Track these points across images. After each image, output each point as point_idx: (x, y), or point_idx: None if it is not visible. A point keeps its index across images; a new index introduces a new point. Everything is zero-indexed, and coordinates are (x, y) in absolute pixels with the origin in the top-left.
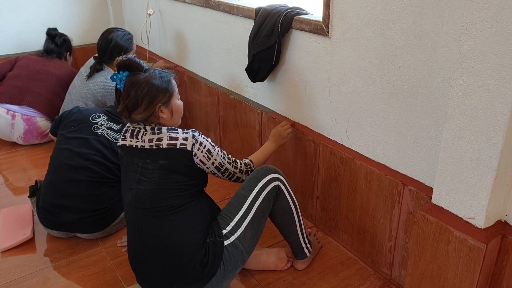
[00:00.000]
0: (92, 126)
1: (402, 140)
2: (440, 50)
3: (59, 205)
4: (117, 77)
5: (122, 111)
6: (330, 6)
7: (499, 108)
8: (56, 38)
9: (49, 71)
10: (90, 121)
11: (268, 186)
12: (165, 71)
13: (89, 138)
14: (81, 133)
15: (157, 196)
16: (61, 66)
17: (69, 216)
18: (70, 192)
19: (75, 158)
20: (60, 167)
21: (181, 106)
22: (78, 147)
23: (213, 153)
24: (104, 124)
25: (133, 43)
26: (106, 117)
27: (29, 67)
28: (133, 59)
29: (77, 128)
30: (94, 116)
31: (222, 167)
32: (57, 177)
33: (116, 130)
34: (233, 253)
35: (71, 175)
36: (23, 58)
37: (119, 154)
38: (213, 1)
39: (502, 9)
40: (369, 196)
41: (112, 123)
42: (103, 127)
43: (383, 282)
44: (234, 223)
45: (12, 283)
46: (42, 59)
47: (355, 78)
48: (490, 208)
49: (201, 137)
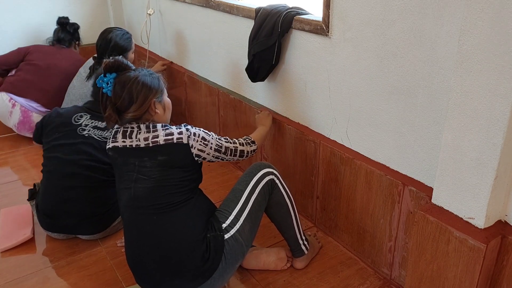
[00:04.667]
0: (77, 129)
1: (402, 140)
2: (440, 50)
3: (59, 209)
4: (103, 80)
5: (111, 115)
6: (330, 6)
7: (499, 108)
8: (68, 26)
9: (58, 65)
10: (73, 124)
11: (263, 180)
12: (152, 70)
13: (77, 143)
14: (67, 139)
15: (157, 194)
16: (72, 59)
17: (69, 220)
18: (68, 198)
19: (67, 167)
20: (54, 175)
21: (170, 103)
22: (68, 154)
23: (208, 139)
24: (89, 124)
25: (132, 42)
26: (89, 116)
27: (41, 60)
28: (120, 60)
29: (62, 134)
30: (76, 117)
31: (221, 148)
32: (53, 184)
33: (103, 128)
34: (233, 246)
35: (66, 183)
36: (35, 51)
37: (111, 156)
38: (213, 1)
39: (502, 9)
40: (369, 196)
41: (96, 121)
42: (88, 127)
43: (383, 282)
44: (232, 216)
45: (12, 283)
46: (53, 51)
47: (355, 78)
48: (490, 208)
49: (194, 128)
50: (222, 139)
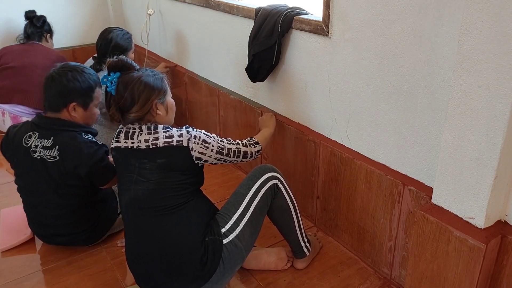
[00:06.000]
0: (29, 152)
1: (402, 140)
2: (440, 50)
3: (48, 234)
4: (107, 79)
5: (114, 114)
6: (330, 6)
7: (499, 108)
8: (34, 20)
9: (33, 62)
10: (24, 147)
11: (266, 184)
12: (156, 71)
13: (34, 171)
14: (23, 168)
15: (156, 196)
16: (45, 54)
17: (60, 239)
18: (50, 224)
19: (36, 198)
20: (29, 204)
21: (174, 104)
22: (32, 184)
23: (209, 141)
24: (38, 144)
25: (132, 42)
26: (37, 134)
27: (14, 61)
28: (124, 59)
29: (17, 163)
30: (25, 138)
31: (223, 150)
32: (34, 213)
33: (50, 146)
34: (232, 251)
35: (43, 212)
36: (5, 54)
37: (113, 156)
38: (213, 1)
39: (502, 9)
40: (369, 196)
41: (43, 139)
42: (38, 148)
43: (383, 282)
44: (232, 221)
45: (12, 283)
46: (24, 48)
47: (355, 78)
48: (490, 208)
49: (195, 131)
50: (225, 140)
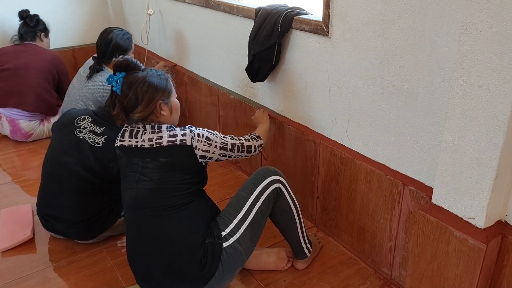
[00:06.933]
0: (75, 130)
1: (402, 140)
2: (440, 50)
3: (48, 214)
4: (113, 79)
5: (118, 114)
6: (330, 6)
7: (499, 108)
8: (27, 19)
9: (28, 64)
10: (74, 125)
11: (269, 188)
12: (161, 71)
13: (70, 145)
14: (62, 139)
15: (158, 196)
16: (40, 54)
17: (59, 225)
18: (54, 203)
19: (55, 168)
20: (45, 176)
21: (179, 105)
22: (59, 156)
23: (212, 138)
24: (87, 127)
25: (132, 42)
26: (90, 119)
27: (8, 63)
28: (129, 59)
29: (60, 133)
30: (79, 118)
31: (227, 145)
32: (43, 187)
33: (99, 133)
34: (231, 254)
35: (52, 186)
36: (1, 55)
37: (117, 154)
38: (213, 1)
39: (502, 9)
40: (369, 196)
41: (95, 125)
42: (86, 130)
43: (383, 282)
44: (233, 225)
45: (12, 283)
46: (19, 50)
47: (355, 78)
48: (490, 208)
49: (198, 129)
50: (228, 136)
